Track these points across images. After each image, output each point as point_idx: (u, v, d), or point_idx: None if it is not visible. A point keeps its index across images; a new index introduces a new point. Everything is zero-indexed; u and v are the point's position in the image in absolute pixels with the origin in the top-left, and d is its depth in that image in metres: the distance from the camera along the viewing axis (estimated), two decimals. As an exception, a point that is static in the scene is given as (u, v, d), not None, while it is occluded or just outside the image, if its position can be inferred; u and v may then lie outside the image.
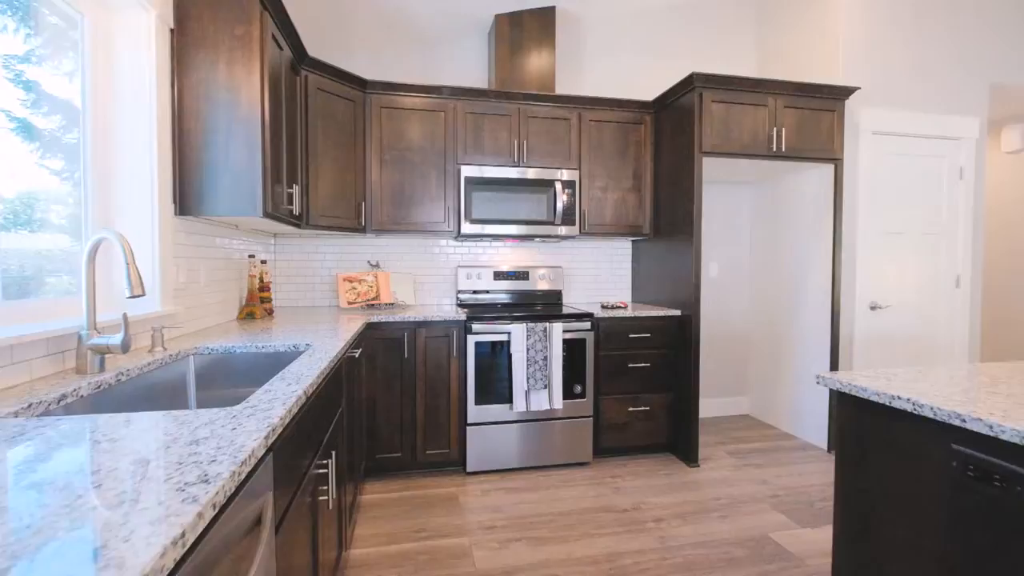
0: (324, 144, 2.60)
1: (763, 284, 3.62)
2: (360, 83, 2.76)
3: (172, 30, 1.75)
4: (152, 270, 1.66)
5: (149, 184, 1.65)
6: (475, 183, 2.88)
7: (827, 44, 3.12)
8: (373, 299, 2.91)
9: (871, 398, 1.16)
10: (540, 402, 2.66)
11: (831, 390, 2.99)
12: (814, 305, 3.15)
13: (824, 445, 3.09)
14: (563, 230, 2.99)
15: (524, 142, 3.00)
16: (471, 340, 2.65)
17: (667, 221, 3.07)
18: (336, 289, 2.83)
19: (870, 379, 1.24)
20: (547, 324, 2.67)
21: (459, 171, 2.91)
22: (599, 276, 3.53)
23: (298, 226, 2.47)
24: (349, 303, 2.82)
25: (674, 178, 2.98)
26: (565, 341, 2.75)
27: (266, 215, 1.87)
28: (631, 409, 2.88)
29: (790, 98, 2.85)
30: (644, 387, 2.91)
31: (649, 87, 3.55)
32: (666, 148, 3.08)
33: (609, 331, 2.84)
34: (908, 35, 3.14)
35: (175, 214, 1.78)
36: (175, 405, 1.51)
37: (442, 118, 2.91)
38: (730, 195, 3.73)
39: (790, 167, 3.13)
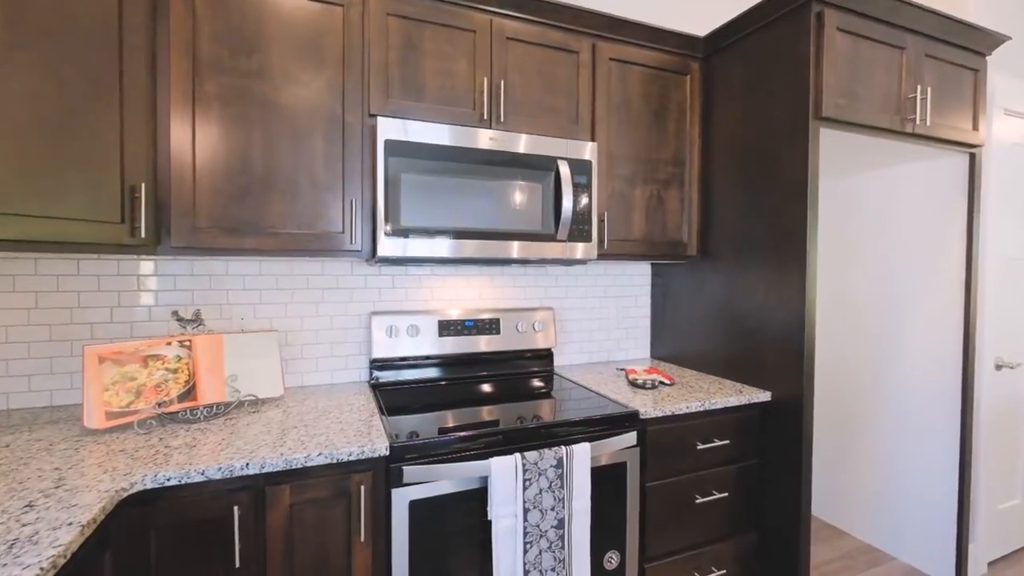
0: (7, 39, 1.00)
1: (822, 325, 2.55)
2: (134, -92, 1.19)
3: None
4: None
5: None
6: (404, 153, 1.42)
7: (941, -23, 2.09)
8: (184, 396, 1.33)
9: None
10: (550, 615, 1.27)
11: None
12: (921, 361, 2.10)
13: (947, 578, 2.04)
14: (572, 250, 1.63)
15: (500, 83, 1.60)
16: (401, 499, 1.19)
17: (729, 236, 1.84)
18: (85, 379, 1.23)
19: None
20: (564, 451, 1.29)
21: (373, 129, 1.45)
22: (606, 321, 2.22)
23: None
24: (111, 416, 1.22)
25: (751, 163, 1.75)
26: (594, 472, 1.39)
27: None
28: (698, 578, 1.60)
29: (930, 43, 1.75)
30: (717, 533, 1.64)
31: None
32: (728, 115, 1.84)
33: (663, 443, 1.53)
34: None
35: None
36: None
37: (339, 19, 1.43)
38: (773, 198, 2.61)
39: (887, 152, 2.06)
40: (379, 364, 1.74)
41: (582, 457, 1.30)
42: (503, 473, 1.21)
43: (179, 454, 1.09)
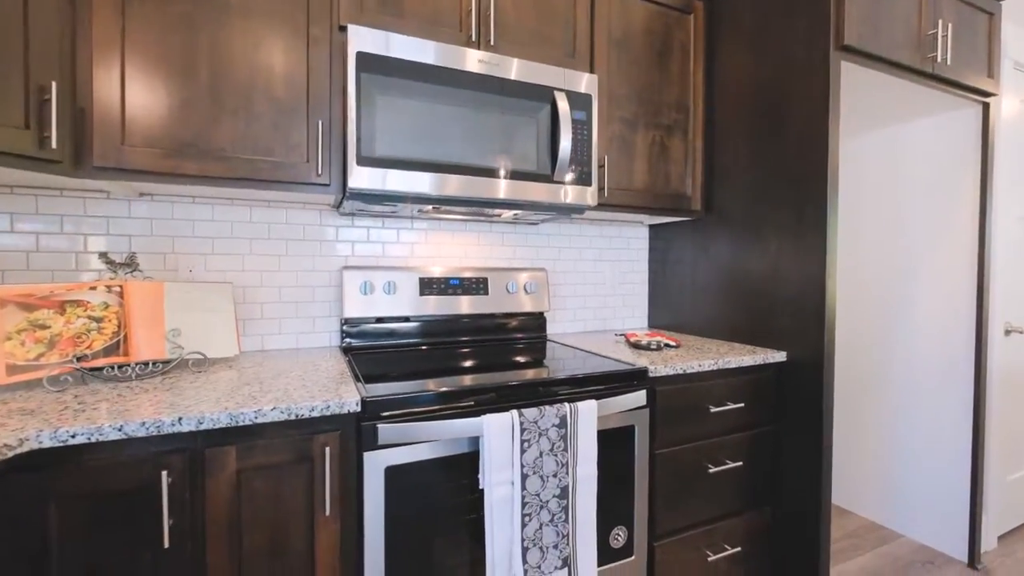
0: None
1: (822, 296, 2.43)
2: None
3: None
4: None
5: None
6: (379, 71, 1.22)
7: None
8: (111, 350, 1.11)
9: None
10: (552, 600, 1.09)
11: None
12: (930, 329, 2.00)
13: (961, 554, 1.93)
14: (570, 194, 1.46)
15: (491, 3, 1.42)
16: (375, 464, 0.99)
17: (737, 189, 1.69)
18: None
19: None
20: (568, 408, 1.11)
21: (344, 43, 1.25)
22: (601, 287, 2.06)
23: None
24: (14, 370, 0.99)
25: (761, 108, 1.61)
26: (599, 437, 1.21)
27: None
28: (710, 557, 1.43)
29: (948, -22, 1.64)
30: (730, 507, 1.48)
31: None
32: (735, 58, 1.70)
33: (674, 405, 1.37)
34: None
35: None
36: None
37: (299, -88, 1.22)
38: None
39: (895, 106, 1.95)
40: (352, 325, 1.53)
41: (587, 416, 1.12)
42: (498, 433, 1.03)
43: (94, 411, 0.87)
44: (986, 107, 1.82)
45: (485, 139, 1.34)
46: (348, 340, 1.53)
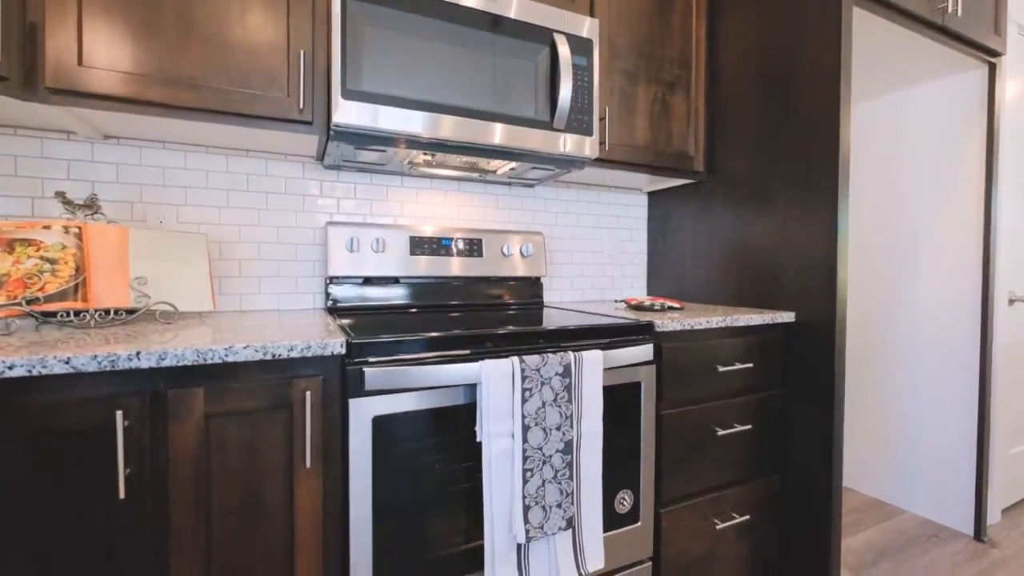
0: None
1: (822, 270, 2.39)
2: None
3: None
4: None
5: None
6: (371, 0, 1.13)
7: None
8: (68, 294, 1.00)
9: None
10: (559, 566, 1.00)
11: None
12: (932, 299, 1.96)
13: (967, 527, 1.89)
14: (569, 143, 1.38)
15: (485, -65, 1.33)
16: (361, 413, 0.90)
17: (741, 149, 1.62)
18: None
19: None
20: (572, 357, 1.03)
21: (326, -33, 1.16)
22: (599, 255, 1.98)
23: None
24: (-48, 310, 0.89)
25: (767, 63, 1.54)
26: (605, 393, 1.13)
27: None
28: (718, 526, 1.36)
29: (957, -71, 1.59)
30: (739, 473, 1.41)
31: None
32: (738, 11, 1.64)
33: (681, 363, 1.29)
34: None
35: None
36: None
37: None
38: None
39: (900, 68, 1.90)
40: (338, 284, 1.43)
41: (593, 366, 1.04)
42: (497, 380, 0.94)
43: (41, 347, 0.77)
44: (992, 68, 1.78)
45: (481, 80, 1.26)
46: (333, 301, 1.43)
